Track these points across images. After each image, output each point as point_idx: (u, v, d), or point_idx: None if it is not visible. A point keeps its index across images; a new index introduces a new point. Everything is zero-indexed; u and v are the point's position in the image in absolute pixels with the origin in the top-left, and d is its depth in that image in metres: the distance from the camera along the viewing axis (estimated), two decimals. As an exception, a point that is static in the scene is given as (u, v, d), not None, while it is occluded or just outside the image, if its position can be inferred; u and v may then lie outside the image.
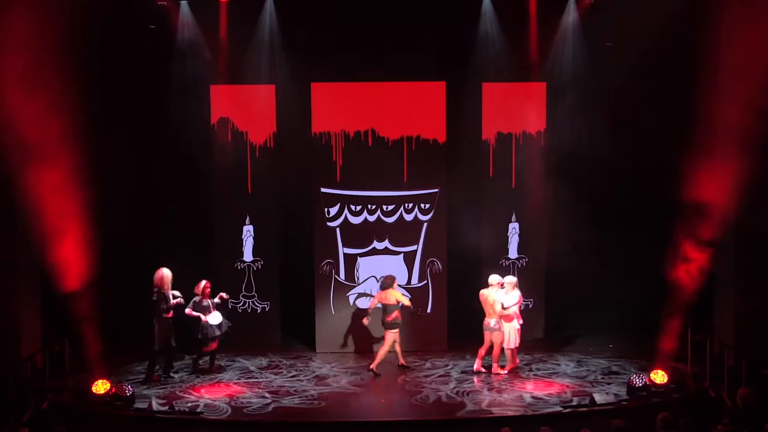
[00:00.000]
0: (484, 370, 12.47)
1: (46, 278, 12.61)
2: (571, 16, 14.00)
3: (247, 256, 14.16)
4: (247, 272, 14.14)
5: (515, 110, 13.98)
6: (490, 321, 12.33)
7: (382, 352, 12.60)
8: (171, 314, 12.20)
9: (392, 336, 12.59)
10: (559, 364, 12.91)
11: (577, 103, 14.00)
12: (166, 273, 12.18)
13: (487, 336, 12.42)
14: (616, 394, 11.11)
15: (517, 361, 12.59)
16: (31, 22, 12.16)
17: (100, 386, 11.08)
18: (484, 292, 12.38)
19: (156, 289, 12.12)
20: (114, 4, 12.97)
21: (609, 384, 11.79)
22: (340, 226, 13.94)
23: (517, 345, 12.46)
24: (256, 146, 13.97)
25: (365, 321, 12.88)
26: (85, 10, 12.24)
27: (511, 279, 12.55)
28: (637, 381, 11.18)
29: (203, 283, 12.57)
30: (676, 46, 12.78)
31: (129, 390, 11.11)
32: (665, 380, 11.24)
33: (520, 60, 13.89)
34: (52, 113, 13.00)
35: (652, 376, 11.28)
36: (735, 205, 12.14)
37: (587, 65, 13.96)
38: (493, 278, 12.43)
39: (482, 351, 12.51)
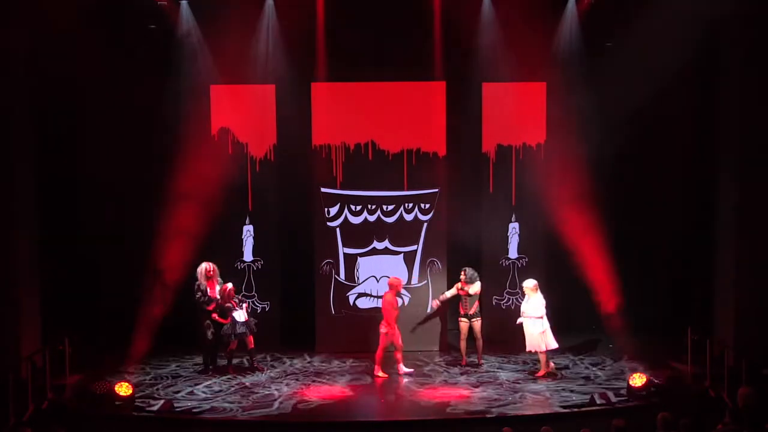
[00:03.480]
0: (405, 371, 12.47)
1: (45, 279, 12.67)
2: (571, 16, 13.98)
3: (247, 256, 14.16)
4: (247, 272, 14.14)
5: (515, 112, 13.95)
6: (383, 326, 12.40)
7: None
8: (211, 307, 12.57)
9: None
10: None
11: (577, 104, 13.96)
12: (201, 267, 12.66)
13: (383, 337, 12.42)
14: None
15: (552, 365, 12.45)
16: (30, 24, 12.21)
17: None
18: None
19: (197, 284, 12.54)
20: (114, 4, 12.98)
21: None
22: (340, 226, 13.95)
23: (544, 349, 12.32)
24: (256, 159, 13.98)
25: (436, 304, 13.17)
26: (84, 10, 12.30)
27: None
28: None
29: (229, 286, 12.62)
30: (679, 46, 12.79)
31: (129, 389, 11.12)
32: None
33: (520, 60, 13.86)
34: (51, 115, 13.08)
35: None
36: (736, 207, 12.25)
37: (587, 65, 13.93)
38: (391, 279, 12.72)
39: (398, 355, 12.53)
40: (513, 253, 14.31)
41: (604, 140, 13.76)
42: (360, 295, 14.00)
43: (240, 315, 12.57)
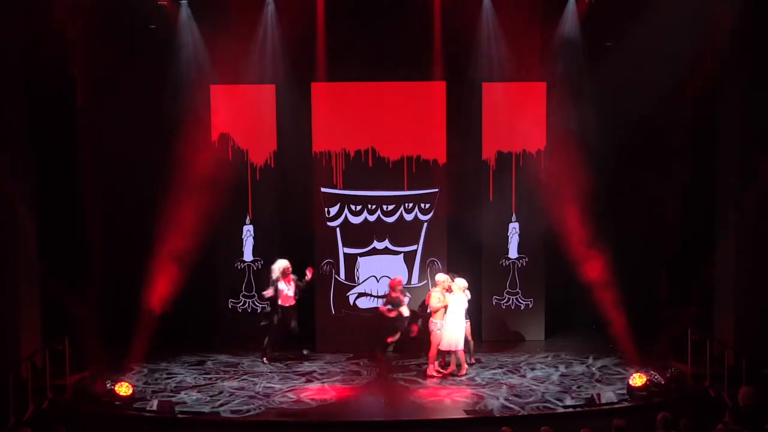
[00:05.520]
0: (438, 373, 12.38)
1: (46, 278, 12.67)
2: (571, 15, 13.97)
3: (247, 256, 14.16)
4: (247, 272, 14.13)
5: (516, 113, 13.91)
6: (436, 322, 12.30)
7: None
8: (272, 296, 13.02)
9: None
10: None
11: (577, 104, 13.95)
12: (279, 264, 12.99)
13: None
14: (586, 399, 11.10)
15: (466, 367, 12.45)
16: (30, 23, 12.22)
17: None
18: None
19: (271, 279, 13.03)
20: (114, 4, 12.98)
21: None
22: (340, 226, 13.95)
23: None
24: (257, 167, 13.98)
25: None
26: (84, 9, 12.30)
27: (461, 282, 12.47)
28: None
29: (397, 278, 12.91)
30: (679, 46, 12.79)
31: (129, 389, 11.13)
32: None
33: (520, 60, 13.86)
34: (51, 115, 13.08)
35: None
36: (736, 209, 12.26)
37: (587, 65, 13.93)
38: (441, 277, 12.50)
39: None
40: (513, 253, 14.31)
41: (604, 140, 13.77)
42: (360, 295, 14.00)
43: (405, 309, 12.80)
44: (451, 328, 12.21)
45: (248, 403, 11.23)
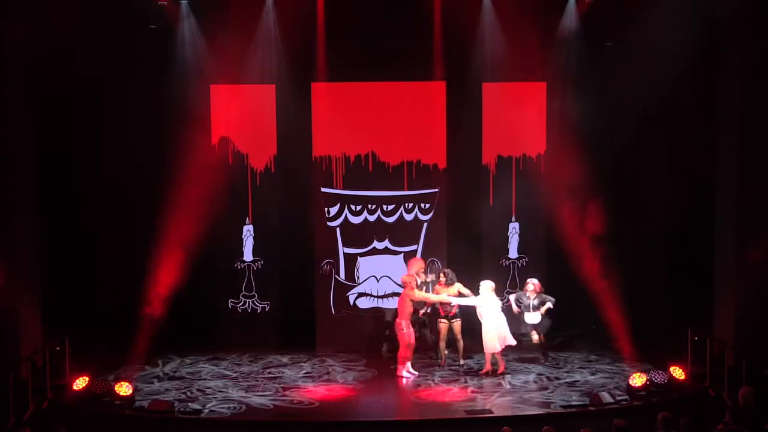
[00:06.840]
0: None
1: (46, 278, 12.68)
2: (570, 16, 13.97)
3: (247, 256, 14.15)
4: (247, 272, 14.13)
5: (516, 113, 13.91)
6: (401, 322, 12.27)
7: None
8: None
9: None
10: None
11: (577, 104, 13.94)
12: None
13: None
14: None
15: (490, 367, 12.44)
16: (30, 23, 12.24)
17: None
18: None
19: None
20: (114, 3, 12.98)
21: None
22: (341, 225, 13.95)
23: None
24: (257, 171, 13.97)
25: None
26: (84, 9, 12.31)
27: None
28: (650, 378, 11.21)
29: (535, 281, 12.88)
30: (679, 45, 12.79)
31: (129, 389, 11.13)
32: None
33: (520, 60, 13.85)
34: (51, 117, 13.09)
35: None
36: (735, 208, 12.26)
37: (587, 65, 13.93)
38: (406, 278, 12.49)
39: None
40: (513, 253, 14.31)
41: (604, 140, 13.77)
42: (360, 294, 14.00)
43: (532, 317, 12.77)
44: (500, 329, 12.22)
45: (249, 402, 11.25)
